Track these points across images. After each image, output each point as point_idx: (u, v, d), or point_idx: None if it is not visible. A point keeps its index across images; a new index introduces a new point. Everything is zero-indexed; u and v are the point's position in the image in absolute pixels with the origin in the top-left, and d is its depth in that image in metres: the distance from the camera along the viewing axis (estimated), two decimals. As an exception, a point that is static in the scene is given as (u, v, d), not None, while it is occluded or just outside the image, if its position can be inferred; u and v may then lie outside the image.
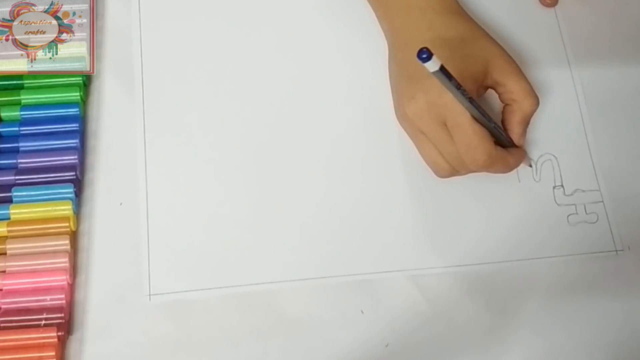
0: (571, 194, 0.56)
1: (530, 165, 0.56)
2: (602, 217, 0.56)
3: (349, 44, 0.59)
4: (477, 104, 0.48)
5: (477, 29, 0.54)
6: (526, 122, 0.53)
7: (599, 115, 0.58)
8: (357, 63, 0.58)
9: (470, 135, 0.49)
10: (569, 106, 0.59)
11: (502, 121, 0.54)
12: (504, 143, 0.53)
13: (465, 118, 0.49)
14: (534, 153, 0.57)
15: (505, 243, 0.54)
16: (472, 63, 0.51)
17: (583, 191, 0.56)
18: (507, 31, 0.59)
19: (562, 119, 0.58)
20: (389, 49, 0.56)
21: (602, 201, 0.56)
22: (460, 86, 0.46)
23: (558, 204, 0.56)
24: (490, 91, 0.54)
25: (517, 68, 0.52)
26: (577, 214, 0.56)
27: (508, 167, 0.53)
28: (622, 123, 0.58)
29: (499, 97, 0.53)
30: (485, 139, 0.50)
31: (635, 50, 0.61)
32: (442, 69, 0.43)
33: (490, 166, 0.51)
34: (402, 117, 0.53)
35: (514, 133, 0.53)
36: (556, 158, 0.57)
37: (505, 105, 0.53)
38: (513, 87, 0.52)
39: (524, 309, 0.53)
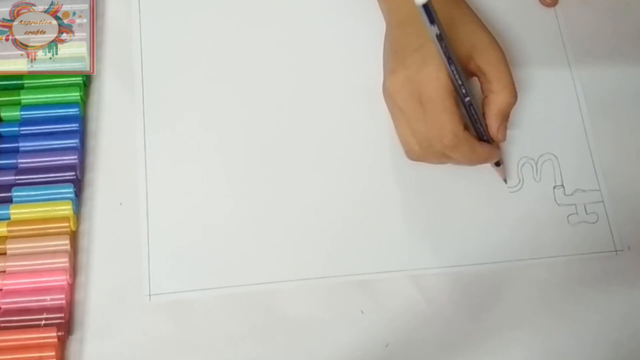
0: (571, 194, 0.56)
1: (505, 181, 0.56)
2: (602, 217, 0.56)
3: (351, 41, 0.59)
4: (456, 65, 0.48)
5: (469, 14, 0.54)
6: (503, 116, 0.52)
7: (599, 115, 0.58)
8: (361, 62, 0.58)
9: (440, 110, 0.49)
10: (569, 106, 0.59)
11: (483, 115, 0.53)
12: (480, 135, 0.52)
13: (439, 94, 0.49)
14: (534, 153, 0.57)
15: (505, 243, 0.54)
16: (457, 46, 0.51)
17: (583, 191, 0.56)
18: (507, 31, 0.59)
19: (562, 119, 0.58)
20: (386, 28, 0.56)
21: (602, 201, 0.56)
22: (443, 37, 0.45)
23: (558, 204, 0.56)
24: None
25: (502, 58, 0.52)
26: (577, 214, 0.56)
27: (474, 156, 0.52)
28: (622, 123, 0.58)
29: (480, 87, 0.53)
30: (454, 117, 0.49)
31: (636, 50, 0.60)
32: (428, 6, 0.43)
33: (455, 147, 0.50)
34: (384, 91, 0.53)
35: (490, 126, 0.52)
36: (556, 158, 0.57)
37: (484, 97, 0.53)
38: (492, 77, 0.51)
39: (525, 309, 0.53)
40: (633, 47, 0.61)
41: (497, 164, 0.55)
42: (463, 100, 0.50)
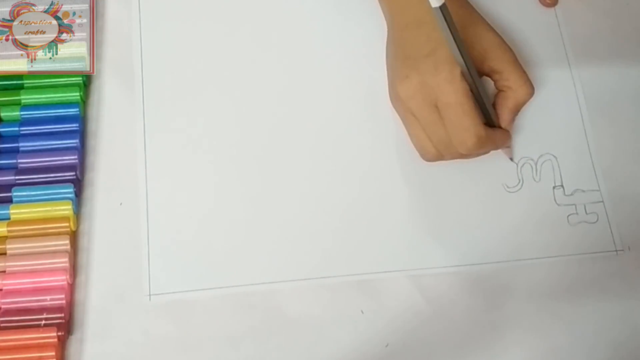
0: (571, 194, 0.56)
1: (512, 159, 0.56)
2: (602, 217, 0.56)
3: (349, 44, 0.59)
4: (472, 64, 0.49)
5: (477, 16, 0.54)
6: (517, 110, 0.53)
7: (599, 115, 0.58)
8: (356, 62, 0.58)
9: (460, 115, 0.49)
10: (569, 106, 0.59)
11: (494, 106, 0.54)
12: (491, 122, 0.53)
13: (457, 98, 0.49)
14: (534, 153, 0.57)
15: (505, 243, 0.54)
16: (469, 49, 0.51)
17: (583, 191, 0.56)
18: (507, 31, 0.59)
19: (562, 119, 0.58)
20: (388, 30, 0.56)
21: (602, 201, 0.56)
22: (459, 37, 0.46)
23: (558, 204, 0.56)
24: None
25: (514, 57, 0.53)
26: (577, 214, 0.56)
27: (494, 147, 0.53)
28: (622, 123, 0.58)
29: (495, 84, 0.53)
30: (476, 120, 0.50)
31: (635, 50, 0.60)
32: (444, 8, 0.43)
33: (479, 149, 0.51)
34: (394, 97, 0.53)
35: (504, 119, 0.53)
36: (556, 158, 0.57)
37: (500, 91, 0.53)
38: (509, 75, 0.52)
39: (524, 309, 0.53)
40: (633, 47, 0.61)
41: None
42: (477, 97, 0.51)
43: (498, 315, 0.53)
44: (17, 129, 0.54)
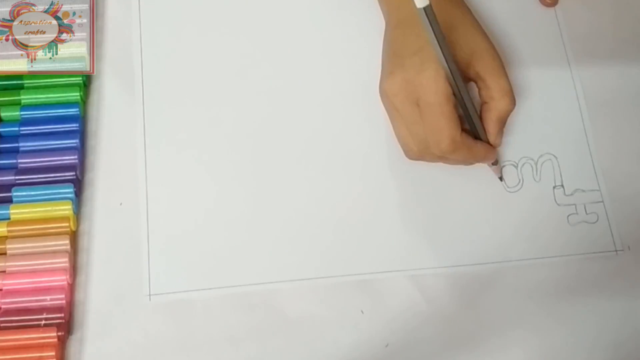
0: (571, 194, 0.56)
1: (501, 179, 0.56)
2: (602, 217, 0.56)
3: (350, 40, 0.59)
4: (455, 68, 0.48)
5: (469, 18, 0.54)
6: (501, 122, 0.53)
7: (599, 115, 0.58)
8: (359, 61, 0.58)
9: (438, 115, 0.49)
10: (569, 106, 0.59)
11: (481, 120, 0.53)
12: (478, 134, 0.53)
13: (437, 98, 0.49)
14: (534, 153, 0.57)
15: (505, 243, 0.54)
16: (457, 50, 0.51)
17: (583, 191, 0.56)
18: (507, 31, 0.59)
19: (562, 119, 0.58)
20: (385, 28, 0.56)
21: (602, 201, 0.56)
22: (443, 40, 0.46)
23: (558, 204, 0.56)
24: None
25: (501, 66, 0.52)
26: (577, 214, 0.56)
27: (471, 157, 0.52)
28: (622, 123, 0.58)
29: (478, 92, 0.53)
30: (452, 122, 0.50)
31: (636, 50, 0.61)
32: (429, 9, 0.43)
33: (453, 152, 0.50)
34: (381, 92, 0.53)
35: (490, 133, 0.53)
36: (556, 158, 0.57)
37: (483, 102, 0.53)
38: (492, 84, 0.52)
39: (524, 309, 0.53)
40: (633, 47, 0.61)
41: (493, 162, 0.55)
42: (461, 103, 0.50)
43: (498, 315, 0.53)
44: (17, 129, 0.54)
